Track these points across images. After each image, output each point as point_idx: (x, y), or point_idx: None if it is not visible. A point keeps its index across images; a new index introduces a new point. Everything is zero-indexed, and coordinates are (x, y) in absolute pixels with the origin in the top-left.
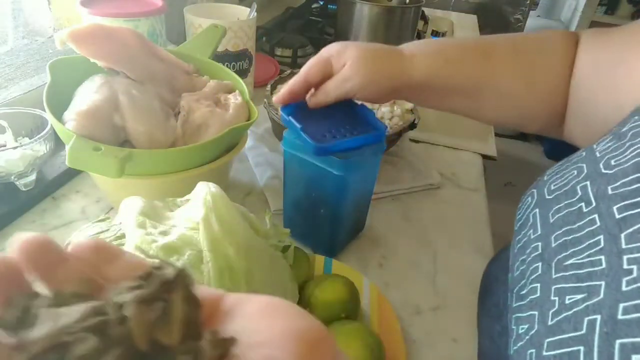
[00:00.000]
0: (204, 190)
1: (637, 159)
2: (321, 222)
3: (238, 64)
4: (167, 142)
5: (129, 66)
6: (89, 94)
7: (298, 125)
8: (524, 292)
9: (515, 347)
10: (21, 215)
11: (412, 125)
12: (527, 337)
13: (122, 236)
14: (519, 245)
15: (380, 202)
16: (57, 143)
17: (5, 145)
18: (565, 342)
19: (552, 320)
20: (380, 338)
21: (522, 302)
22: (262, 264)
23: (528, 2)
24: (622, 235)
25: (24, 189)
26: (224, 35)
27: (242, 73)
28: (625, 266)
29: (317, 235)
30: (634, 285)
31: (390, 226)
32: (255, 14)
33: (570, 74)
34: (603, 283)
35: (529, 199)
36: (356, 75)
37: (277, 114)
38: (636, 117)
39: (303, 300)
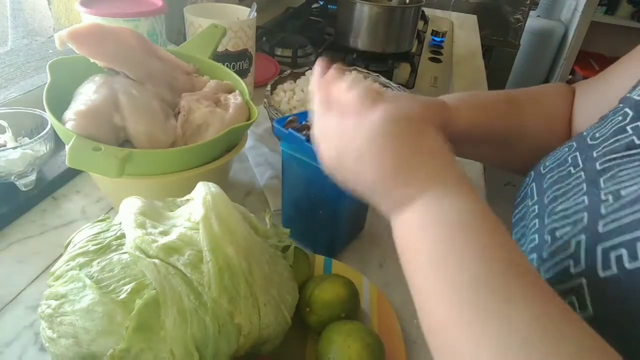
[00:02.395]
0: (204, 190)
1: (615, 127)
2: (321, 222)
3: (238, 64)
4: (167, 142)
5: (129, 66)
6: (89, 94)
7: (302, 137)
8: (524, 247)
9: None
10: (21, 215)
11: None
12: None
13: (122, 236)
14: (518, 216)
15: None
16: (57, 143)
17: (5, 145)
18: (559, 263)
19: (546, 254)
20: (380, 338)
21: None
22: (262, 264)
23: (528, 2)
24: (601, 180)
25: (24, 189)
26: (224, 35)
27: (242, 73)
28: (603, 198)
29: (316, 235)
30: (610, 208)
31: (390, 226)
32: (255, 14)
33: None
34: (585, 213)
35: (527, 179)
36: None
37: (277, 114)
38: (619, 105)
39: (303, 300)
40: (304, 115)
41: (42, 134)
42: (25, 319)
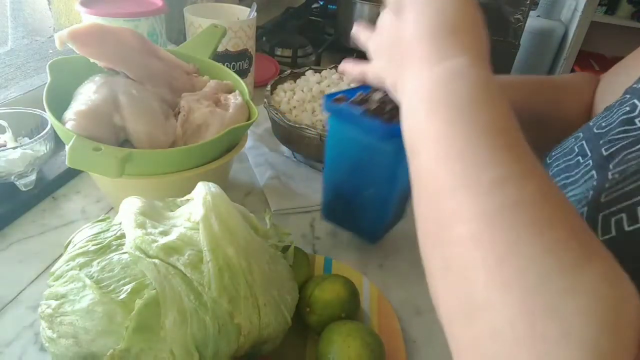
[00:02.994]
0: (204, 190)
1: (622, 117)
2: (366, 205)
3: (238, 64)
4: (167, 142)
5: (129, 66)
6: (89, 94)
7: (358, 111)
8: None
9: None
10: (21, 215)
11: None
12: None
13: (122, 236)
14: None
15: None
16: (57, 143)
17: (5, 145)
18: None
19: None
20: (380, 338)
21: None
22: (262, 264)
23: (528, 2)
24: (610, 165)
25: (24, 189)
26: (224, 35)
27: (242, 73)
28: (610, 177)
29: (360, 220)
30: (613, 182)
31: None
32: (255, 14)
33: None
34: (592, 191)
35: None
36: None
37: (277, 114)
38: (625, 96)
39: (303, 300)
40: (352, 92)
41: (42, 134)
42: (25, 319)
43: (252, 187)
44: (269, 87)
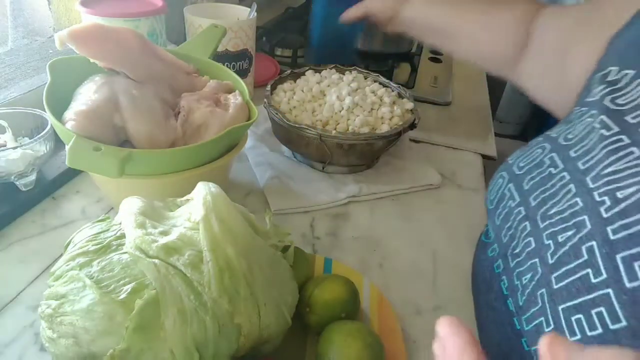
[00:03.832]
0: (204, 190)
1: (586, 130)
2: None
3: (238, 64)
4: (167, 142)
5: (129, 66)
6: (89, 94)
7: None
8: (517, 250)
9: (524, 297)
10: (21, 215)
11: (412, 125)
12: (534, 282)
13: (122, 236)
14: (500, 217)
15: (380, 202)
16: (57, 143)
17: (5, 145)
18: (572, 271)
19: (552, 259)
20: (380, 338)
21: (520, 258)
22: (262, 264)
23: None
24: (588, 179)
25: (24, 189)
26: (224, 35)
27: (242, 73)
28: (597, 199)
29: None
30: (612, 212)
31: (390, 226)
32: (255, 14)
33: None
34: (586, 216)
35: (500, 180)
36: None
37: (277, 114)
38: (576, 108)
39: (303, 300)
40: None
41: (42, 134)
42: (25, 319)
43: (252, 187)
44: (269, 87)
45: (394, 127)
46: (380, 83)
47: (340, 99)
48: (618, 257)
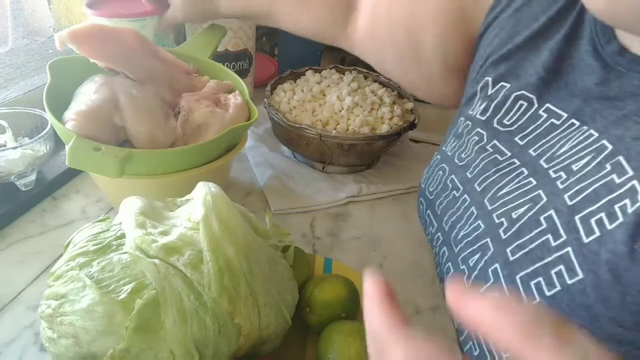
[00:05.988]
0: (204, 190)
1: (476, 147)
2: None
3: (238, 64)
4: (167, 142)
5: (129, 66)
6: (89, 94)
7: None
8: (441, 275)
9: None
10: (21, 215)
11: (412, 125)
12: None
13: (122, 236)
14: (430, 240)
15: (380, 202)
16: (57, 143)
17: (5, 145)
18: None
19: (467, 285)
20: None
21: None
22: (262, 264)
23: None
24: (485, 201)
25: (24, 189)
26: (224, 35)
27: (242, 73)
28: (496, 221)
29: None
30: (509, 233)
31: (390, 226)
32: None
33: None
34: (488, 239)
35: (420, 206)
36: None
37: (277, 114)
38: (462, 119)
39: (303, 300)
40: None
41: (42, 134)
42: (25, 319)
43: (252, 187)
44: (269, 87)
45: (394, 127)
46: (380, 83)
47: (340, 99)
48: (517, 277)
